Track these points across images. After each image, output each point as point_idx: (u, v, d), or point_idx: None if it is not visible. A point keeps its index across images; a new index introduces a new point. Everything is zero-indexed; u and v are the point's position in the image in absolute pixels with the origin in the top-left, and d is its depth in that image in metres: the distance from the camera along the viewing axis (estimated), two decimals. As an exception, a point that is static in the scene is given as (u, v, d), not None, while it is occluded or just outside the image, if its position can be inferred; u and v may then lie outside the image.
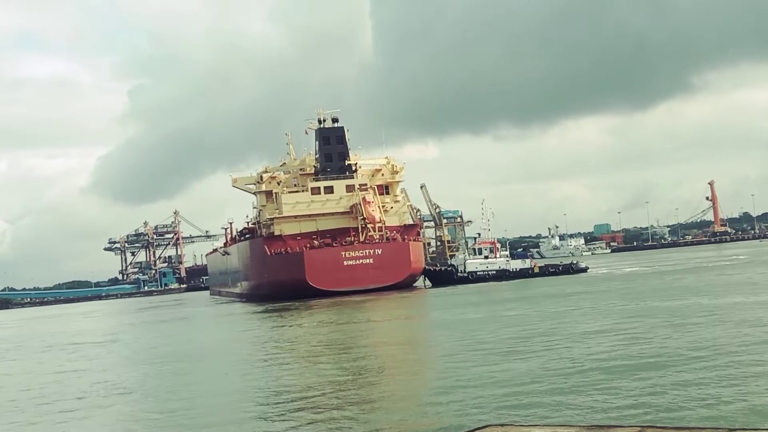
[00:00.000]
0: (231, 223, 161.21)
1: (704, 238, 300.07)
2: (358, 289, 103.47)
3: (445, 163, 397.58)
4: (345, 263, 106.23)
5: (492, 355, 35.86)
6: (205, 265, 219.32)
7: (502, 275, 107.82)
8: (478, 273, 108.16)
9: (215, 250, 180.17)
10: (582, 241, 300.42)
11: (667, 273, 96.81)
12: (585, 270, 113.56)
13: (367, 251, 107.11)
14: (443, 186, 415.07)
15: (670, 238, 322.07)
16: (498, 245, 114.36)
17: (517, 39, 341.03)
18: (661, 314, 46.64)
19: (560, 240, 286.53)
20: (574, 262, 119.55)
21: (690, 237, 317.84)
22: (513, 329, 45.48)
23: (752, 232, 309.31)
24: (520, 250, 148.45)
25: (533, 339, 40.04)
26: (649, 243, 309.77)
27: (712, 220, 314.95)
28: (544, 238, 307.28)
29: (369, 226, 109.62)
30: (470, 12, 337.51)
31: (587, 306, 57.30)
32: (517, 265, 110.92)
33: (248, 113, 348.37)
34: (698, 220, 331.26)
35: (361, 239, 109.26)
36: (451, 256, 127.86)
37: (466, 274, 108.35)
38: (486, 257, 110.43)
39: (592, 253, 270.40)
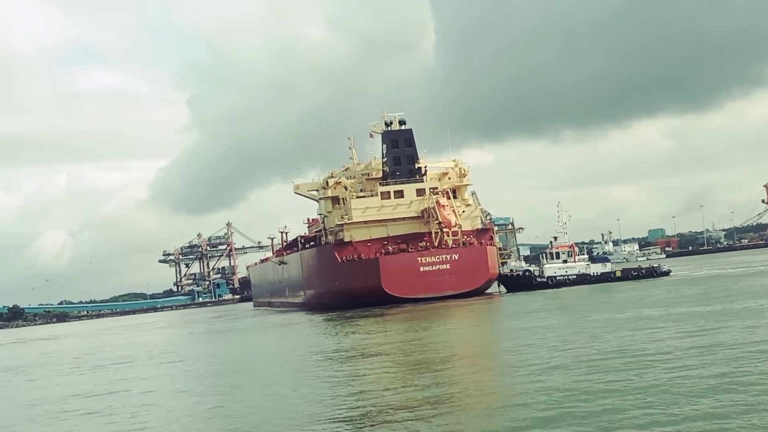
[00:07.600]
0: (282, 233, 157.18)
1: (761, 242, 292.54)
2: (434, 295, 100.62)
3: (499, 169, 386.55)
4: (421, 269, 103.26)
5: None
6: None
7: (583, 279, 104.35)
8: (557, 278, 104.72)
9: (264, 260, 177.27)
10: (636, 246, 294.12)
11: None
12: (667, 273, 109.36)
13: (443, 256, 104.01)
14: (494, 192, 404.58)
15: (725, 242, 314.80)
16: (576, 249, 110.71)
17: (576, 38, 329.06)
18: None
19: (614, 245, 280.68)
20: (656, 265, 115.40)
21: (746, 241, 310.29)
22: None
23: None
24: (596, 254, 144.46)
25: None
26: (705, 247, 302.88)
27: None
28: (597, 243, 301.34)
29: (444, 230, 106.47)
30: (533, 9, 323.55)
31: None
32: (597, 269, 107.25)
33: (305, 121, 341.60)
34: (754, 224, 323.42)
35: (436, 244, 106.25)
36: (503, 263, 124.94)
37: (545, 279, 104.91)
38: (564, 261, 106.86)
39: (647, 258, 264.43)
